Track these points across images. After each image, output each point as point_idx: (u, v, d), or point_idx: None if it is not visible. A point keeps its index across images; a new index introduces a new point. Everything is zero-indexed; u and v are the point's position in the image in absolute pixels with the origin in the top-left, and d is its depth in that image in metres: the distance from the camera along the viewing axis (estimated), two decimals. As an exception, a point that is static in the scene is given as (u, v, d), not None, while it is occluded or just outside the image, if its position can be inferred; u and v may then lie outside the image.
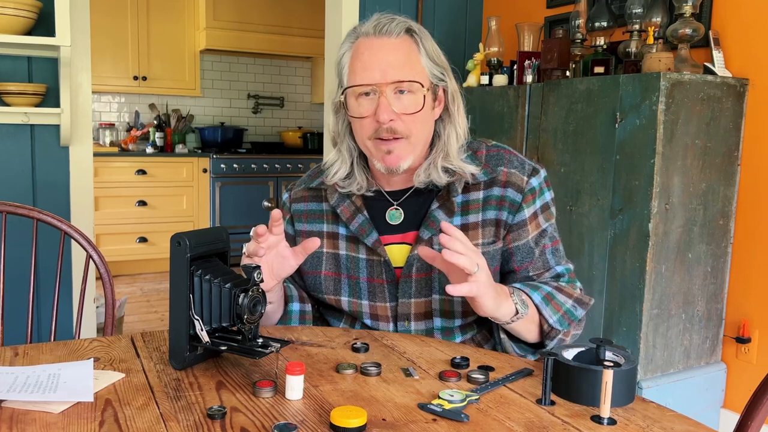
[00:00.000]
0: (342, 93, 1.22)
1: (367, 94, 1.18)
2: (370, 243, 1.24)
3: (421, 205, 1.26)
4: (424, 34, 1.21)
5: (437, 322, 1.24)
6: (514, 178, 1.24)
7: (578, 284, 1.28)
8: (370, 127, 1.19)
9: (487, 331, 1.29)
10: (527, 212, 1.24)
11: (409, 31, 1.20)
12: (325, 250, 1.30)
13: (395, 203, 1.27)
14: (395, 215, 1.27)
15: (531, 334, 1.19)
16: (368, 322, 1.27)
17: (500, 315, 1.12)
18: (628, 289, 2.31)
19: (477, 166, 1.24)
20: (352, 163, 1.28)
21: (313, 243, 1.14)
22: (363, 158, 1.29)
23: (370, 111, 1.18)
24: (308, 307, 1.32)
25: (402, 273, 1.24)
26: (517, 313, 1.13)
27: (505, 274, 1.27)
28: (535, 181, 1.25)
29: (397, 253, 1.25)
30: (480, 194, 1.24)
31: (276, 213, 1.11)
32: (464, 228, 1.23)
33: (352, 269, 1.27)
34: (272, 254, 1.14)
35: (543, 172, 1.27)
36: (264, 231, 1.10)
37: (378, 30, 1.18)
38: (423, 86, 1.18)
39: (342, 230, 1.29)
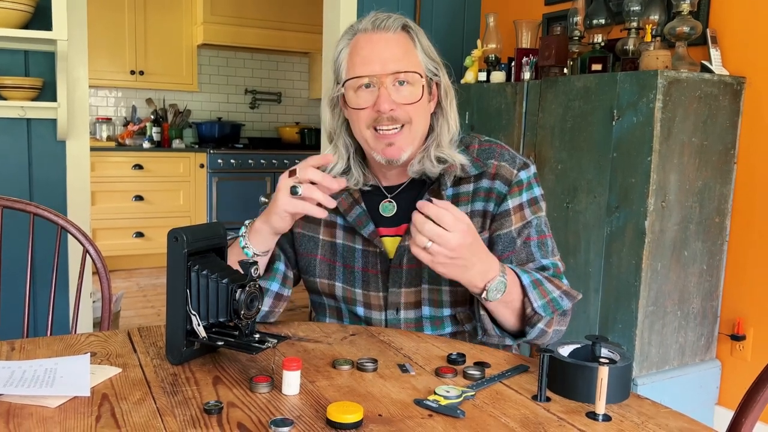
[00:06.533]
0: (342, 85, 1.25)
1: (367, 86, 1.21)
2: (366, 234, 1.27)
3: (414, 198, 1.28)
4: (419, 31, 1.27)
5: (426, 311, 1.26)
6: (503, 171, 1.26)
7: (565, 281, 1.26)
8: (369, 117, 1.22)
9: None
10: (511, 203, 1.25)
11: (405, 28, 1.25)
12: (321, 237, 1.32)
13: (389, 196, 1.30)
14: (388, 207, 1.29)
15: (506, 318, 1.17)
16: (360, 309, 1.29)
17: (468, 284, 1.10)
18: (623, 287, 2.31)
19: (468, 158, 1.27)
20: (348, 159, 1.31)
21: (340, 183, 1.12)
22: (359, 153, 1.32)
23: (369, 102, 1.21)
24: (291, 273, 1.32)
25: (392, 263, 1.26)
26: (482, 293, 1.10)
27: None
28: (523, 174, 1.27)
29: (391, 245, 1.27)
30: (470, 187, 1.27)
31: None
32: None
33: (348, 258, 1.30)
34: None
35: (533, 168, 1.30)
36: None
37: (376, 26, 1.23)
38: (421, 77, 1.23)
39: (340, 220, 1.31)
